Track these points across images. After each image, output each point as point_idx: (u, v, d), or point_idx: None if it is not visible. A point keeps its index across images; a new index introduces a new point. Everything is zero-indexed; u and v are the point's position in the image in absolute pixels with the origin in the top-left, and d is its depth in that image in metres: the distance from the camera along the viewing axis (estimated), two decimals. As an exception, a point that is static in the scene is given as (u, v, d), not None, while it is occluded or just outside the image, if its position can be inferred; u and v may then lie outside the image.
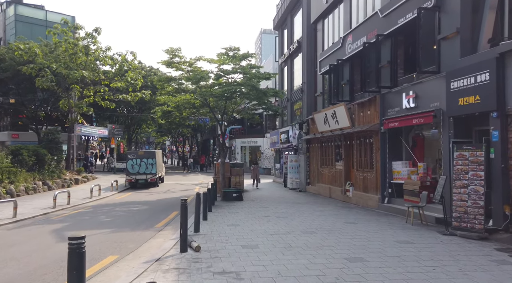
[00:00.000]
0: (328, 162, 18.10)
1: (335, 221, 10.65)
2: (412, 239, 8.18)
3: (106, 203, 16.14)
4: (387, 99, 12.83)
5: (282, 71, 28.10)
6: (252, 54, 16.97)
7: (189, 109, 19.12)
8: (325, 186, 17.97)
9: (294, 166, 21.92)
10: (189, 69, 17.18)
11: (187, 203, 7.53)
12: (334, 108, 15.93)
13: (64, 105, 25.37)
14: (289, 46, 25.30)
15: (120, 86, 27.41)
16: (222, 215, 11.69)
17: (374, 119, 13.53)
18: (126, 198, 18.22)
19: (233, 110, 19.15)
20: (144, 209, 14.28)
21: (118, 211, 13.81)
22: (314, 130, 19.36)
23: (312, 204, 14.78)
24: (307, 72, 21.44)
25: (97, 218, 12.18)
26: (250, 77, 16.79)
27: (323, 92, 19.25)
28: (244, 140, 42.82)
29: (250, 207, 13.73)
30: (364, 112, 14.24)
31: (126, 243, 8.38)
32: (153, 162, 23.43)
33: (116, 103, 33.41)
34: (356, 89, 15.86)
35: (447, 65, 10.04)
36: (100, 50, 25.63)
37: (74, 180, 24.18)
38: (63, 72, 23.97)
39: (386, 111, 12.84)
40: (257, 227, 9.59)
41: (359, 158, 14.88)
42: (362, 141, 14.62)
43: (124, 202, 16.45)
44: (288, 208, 13.61)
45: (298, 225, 9.90)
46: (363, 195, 14.25)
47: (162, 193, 20.50)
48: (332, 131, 16.44)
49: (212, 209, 12.84)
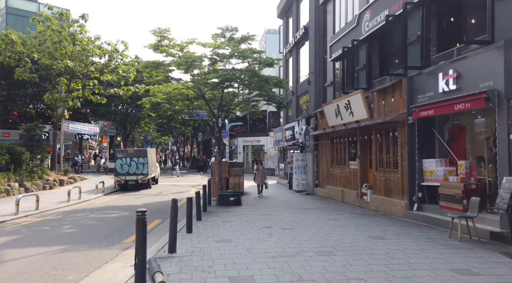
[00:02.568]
0: (340, 161, 15.73)
1: (356, 234, 8.30)
2: (473, 265, 5.80)
3: (82, 209, 13.89)
4: (417, 82, 10.46)
5: (287, 63, 25.75)
6: (253, 36, 14.63)
7: (182, 101, 16.80)
8: (337, 189, 15.60)
9: (301, 165, 19.55)
10: (180, 54, 14.87)
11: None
12: (348, 98, 13.57)
13: (49, 99, 23.20)
14: (295, 34, 22.96)
15: (111, 79, 25.24)
16: (212, 226, 9.37)
17: (399, 108, 11.17)
18: (109, 202, 15.96)
19: (231, 102, 16.82)
20: (123, 216, 12.00)
21: (91, 218, 11.53)
22: (323, 124, 17.01)
23: (323, 210, 12.42)
24: (315, 60, 19.09)
25: (59, 228, 9.90)
26: (250, 62, 14.46)
27: (334, 81, 16.89)
28: (247, 139, 40.48)
29: (249, 214, 11.41)
30: (386, 100, 11.88)
31: (67, 273, 6.02)
32: (144, 161, 21.17)
33: (109, 99, 31.26)
34: (375, 74, 13.51)
35: (504, 32, 7.67)
36: (89, 40, 23.41)
37: (58, 181, 21.98)
38: (45, 63, 21.82)
39: (415, 98, 10.47)
40: (255, 245, 7.26)
41: (379, 156, 12.51)
42: (384, 135, 12.25)
43: (104, 207, 14.19)
44: (294, 215, 11.27)
45: (309, 241, 7.56)
46: (384, 200, 11.88)
47: (152, 196, 18.24)
48: (346, 124, 14.08)
49: (202, 217, 10.54)
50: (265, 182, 17.26)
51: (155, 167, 23.95)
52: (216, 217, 10.80)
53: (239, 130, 43.19)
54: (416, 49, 10.62)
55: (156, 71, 15.28)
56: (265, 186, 17.18)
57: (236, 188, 17.39)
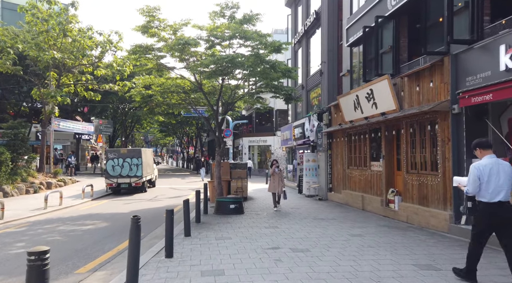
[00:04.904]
0: (359, 162, 13.48)
1: (396, 262, 6.07)
2: None
3: (58, 218, 11.83)
4: (465, 61, 8.21)
5: (296, 55, 23.55)
6: (257, 16, 12.44)
7: (178, 94, 14.70)
8: (356, 194, 13.35)
9: (312, 167, 17.31)
10: (173, 38, 12.77)
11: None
12: (371, 86, 11.35)
13: (37, 95, 21.29)
14: (304, 21, 20.76)
15: (105, 73, 23.28)
16: (203, 245, 7.21)
17: (439, 94, 8.91)
18: (92, 209, 13.90)
19: (233, 94, 14.66)
20: (98, 228, 9.89)
21: (57, 232, 9.42)
22: (338, 119, 14.77)
23: (342, 222, 10.19)
24: (328, 48, 16.87)
25: (8, 247, 7.79)
26: (254, 47, 12.31)
27: (351, 70, 14.66)
28: (252, 139, 38.34)
29: (252, 227, 9.22)
30: (421, 86, 9.61)
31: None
32: (138, 162, 19.10)
33: (105, 96, 29.37)
34: (403, 58, 11.27)
35: None
36: (81, 30, 21.45)
37: (45, 184, 20.02)
38: (30, 54, 19.94)
39: (462, 81, 8.22)
40: (256, 281, 5.08)
41: (411, 155, 10.24)
42: (417, 129, 10.00)
43: (83, 216, 12.11)
44: (307, 228, 9.06)
45: (333, 274, 5.36)
46: (419, 209, 9.61)
47: (145, 202, 16.15)
48: (368, 117, 11.83)
49: (192, 231, 8.39)
50: (284, 190, 12.78)
51: (152, 168, 21.88)
52: (210, 231, 8.63)
53: (244, 129, 41.07)
54: (463, 19, 8.39)
55: (145, 58, 13.20)
56: (283, 196, 12.72)
57: (238, 192, 15.24)
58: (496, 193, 4.75)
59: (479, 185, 4.83)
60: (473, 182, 4.87)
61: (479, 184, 4.83)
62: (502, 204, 4.75)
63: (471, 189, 4.93)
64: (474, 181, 4.86)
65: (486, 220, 4.86)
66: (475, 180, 4.84)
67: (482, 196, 4.85)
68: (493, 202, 4.75)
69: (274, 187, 12.60)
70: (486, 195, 4.81)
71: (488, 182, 4.79)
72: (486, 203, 4.82)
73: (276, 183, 12.57)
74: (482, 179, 4.82)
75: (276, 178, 12.59)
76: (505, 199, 4.74)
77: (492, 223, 4.85)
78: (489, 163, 4.86)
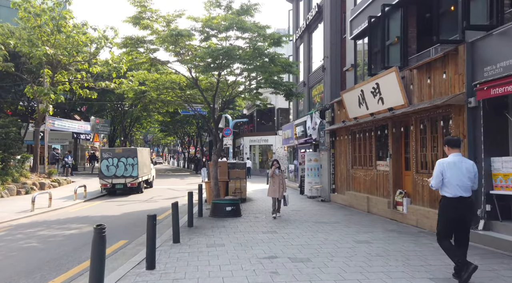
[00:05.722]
0: (364, 161, 12.70)
1: (410, 275, 5.30)
2: None
3: (43, 220, 11.12)
4: (482, 49, 7.43)
5: (297, 51, 22.78)
6: (256, 6, 11.67)
7: (173, 90, 13.96)
8: (360, 196, 12.57)
9: (314, 167, 16.55)
10: (166, 30, 12.01)
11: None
12: (377, 80, 10.58)
13: (30, 93, 20.61)
14: (306, 16, 19.99)
15: (101, 71, 22.60)
16: (192, 254, 6.46)
17: (453, 87, 8.14)
18: (83, 211, 13.19)
19: (231, 91, 13.92)
20: (83, 233, 9.14)
21: (37, 237, 8.65)
22: (342, 117, 14.01)
23: (346, 226, 9.42)
24: (331, 42, 16.11)
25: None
26: (252, 39, 11.56)
27: (355, 64, 13.88)
28: (253, 138, 37.59)
29: (248, 232, 8.47)
30: (433, 78, 8.83)
31: None
32: (134, 162, 18.38)
33: (103, 94, 28.69)
34: (411, 50, 10.50)
35: None
36: (75, 26, 20.76)
37: (38, 185, 19.34)
38: (23, 50, 19.27)
39: (480, 71, 7.44)
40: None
41: (422, 154, 9.47)
42: (428, 125, 9.22)
43: (70, 219, 11.39)
44: (309, 233, 8.31)
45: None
46: (430, 212, 8.82)
47: (139, 203, 15.44)
48: (375, 113, 11.06)
49: (182, 237, 7.65)
50: (284, 196, 10.84)
51: (148, 168, 21.17)
52: (202, 237, 7.88)
53: (245, 129, 40.33)
54: (479, 4, 7.62)
55: (137, 52, 12.47)
56: (283, 201, 10.86)
57: (237, 193, 14.50)
58: (458, 189, 4.97)
59: (442, 180, 5.07)
60: (436, 177, 5.11)
61: (441, 179, 5.07)
62: (463, 200, 4.98)
63: (434, 184, 5.16)
64: (437, 176, 5.10)
65: (448, 213, 5.07)
66: (438, 175, 5.09)
67: (445, 191, 5.08)
68: (455, 197, 4.98)
69: (274, 191, 10.73)
70: (448, 190, 5.04)
71: (451, 177, 5.01)
72: (448, 198, 5.06)
73: (276, 187, 10.70)
74: (445, 174, 5.04)
75: (276, 181, 10.77)
76: (466, 195, 5.00)
77: (454, 217, 5.05)
78: (452, 161, 5.09)
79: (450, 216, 5.05)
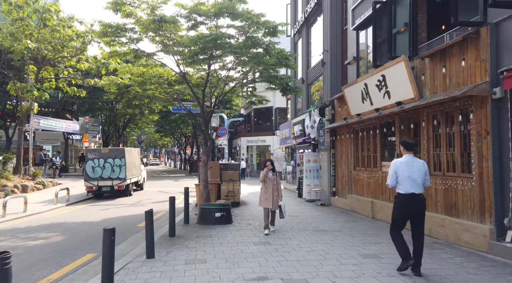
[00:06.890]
0: (368, 162, 11.59)
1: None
2: None
3: (11, 228, 9.99)
4: (510, 30, 6.34)
5: (296, 46, 21.68)
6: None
7: (160, 84, 12.84)
8: (364, 200, 11.45)
9: (313, 168, 15.44)
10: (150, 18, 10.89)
11: None
12: (383, 71, 9.48)
13: (13, 90, 19.48)
14: (305, 8, 18.91)
15: (89, 67, 21.49)
16: (163, 275, 5.32)
17: (473, 75, 7.03)
18: (59, 217, 12.06)
19: (223, 86, 12.82)
20: (49, 244, 8.02)
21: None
22: (343, 114, 12.91)
23: (350, 235, 8.30)
24: (331, 35, 15.01)
25: None
26: (243, 25, 10.45)
27: (358, 56, 12.79)
28: (251, 138, 36.46)
29: (237, 243, 7.35)
30: (448, 66, 7.73)
31: None
32: (121, 163, 17.24)
33: (93, 92, 27.58)
34: (421, 38, 9.42)
35: None
36: (62, 20, 19.65)
37: (20, 188, 18.17)
38: (4, 45, 18.16)
39: (508, 56, 6.34)
40: None
41: (435, 153, 8.36)
42: (443, 121, 8.11)
43: (43, 226, 10.25)
44: (307, 245, 7.19)
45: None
46: (445, 220, 7.71)
47: (125, 207, 14.31)
48: (380, 109, 9.95)
49: (158, 251, 6.53)
50: (280, 206, 8.79)
51: (138, 170, 20.02)
52: (182, 251, 6.75)
53: (242, 129, 39.23)
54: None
55: (118, 42, 11.35)
56: (279, 212, 8.83)
57: (230, 197, 13.40)
58: (410, 186, 5.30)
59: (396, 178, 5.40)
60: (391, 176, 5.47)
61: (395, 178, 5.41)
62: (415, 196, 5.31)
63: (390, 182, 5.50)
64: (392, 175, 5.46)
65: (402, 209, 5.41)
66: (393, 175, 5.45)
67: (399, 188, 5.41)
68: (407, 193, 5.31)
69: (266, 200, 8.43)
70: (401, 188, 5.36)
71: (403, 176, 5.34)
72: (402, 195, 5.37)
73: (269, 194, 8.44)
74: (398, 173, 5.39)
75: (270, 187, 8.48)
76: (418, 192, 5.32)
77: (406, 212, 5.38)
78: (405, 161, 5.46)
79: (402, 211, 5.38)
